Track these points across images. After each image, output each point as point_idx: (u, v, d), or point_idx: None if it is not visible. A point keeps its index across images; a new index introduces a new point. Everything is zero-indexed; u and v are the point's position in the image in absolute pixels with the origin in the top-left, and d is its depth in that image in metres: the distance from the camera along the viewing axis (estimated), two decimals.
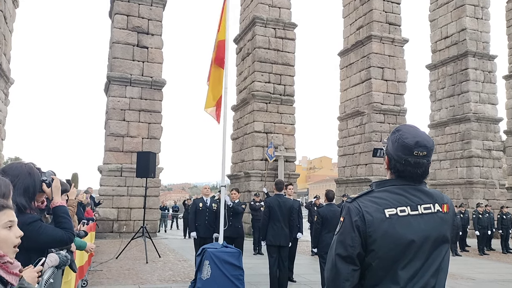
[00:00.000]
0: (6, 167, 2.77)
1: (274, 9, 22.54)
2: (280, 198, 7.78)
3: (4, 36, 17.25)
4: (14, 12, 18.93)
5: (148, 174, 12.95)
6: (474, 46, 25.13)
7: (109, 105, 19.00)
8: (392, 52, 24.02)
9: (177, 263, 11.53)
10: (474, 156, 24.03)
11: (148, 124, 19.27)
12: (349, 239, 1.82)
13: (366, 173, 23.28)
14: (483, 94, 25.01)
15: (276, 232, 7.55)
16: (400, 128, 1.97)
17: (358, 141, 24.19)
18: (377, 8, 24.15)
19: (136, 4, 19.60)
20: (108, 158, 18.58)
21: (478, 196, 23.39)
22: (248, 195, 19.80)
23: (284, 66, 22.24)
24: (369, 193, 1.91)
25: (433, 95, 27.36)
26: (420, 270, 1.80)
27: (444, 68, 26.48)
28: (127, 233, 17.21)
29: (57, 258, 2.95)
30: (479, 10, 25.75)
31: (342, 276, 1.81)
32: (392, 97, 23.69)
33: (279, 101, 21.81)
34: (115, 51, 19.10)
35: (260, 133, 21.29)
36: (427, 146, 1.89)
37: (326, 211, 7.64)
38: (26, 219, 2.55)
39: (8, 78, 18.10)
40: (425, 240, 1.82)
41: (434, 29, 27.65)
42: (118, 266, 10.56)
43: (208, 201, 9.44)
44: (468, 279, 10.60)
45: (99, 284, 8.49)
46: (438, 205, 1.90)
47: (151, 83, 19.38)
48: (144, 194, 14.35)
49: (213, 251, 6.63)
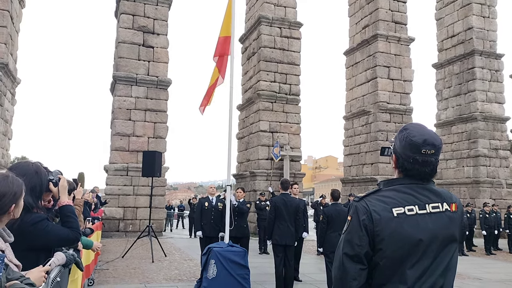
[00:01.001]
0: (14, 166, 2.78)
1: (279, 8, 22.52)
2: (286, 198, 7.76)
3: (10, 36, 17.36)
4: (21, 12, 19.05)
5: (154, 173, 12.97)
6: (481, 45, 24.98)
7: (115, 104, 19.06)
8: (398, 51, 23.93)
9: (183, 262, 11.55)
10: (481, 156, 23.88)
11: (154, 124, 19.32)
12: (357, 238, 1.81)
13: (372, 173, 23.21)
14: (490, 93, 24.86)
15: (282, 231, 7.54)
16: (407, 127, 1.95)
17: (364, 140, 24.12)
18: (383, 7, 24.07)
19: (141, 4, 19.65)
20: (114, 158, 18.65)
21: (484, 195, 23.25)
22: (254, 195, 19.79)
23: (289, 65, 22.21)
24: (376, 192, 1.90)
25: (439, 94, 27.23)
26: (428, 269, 1.79)
27: (451, 67, 26.34)
28: (133, 232, 17.27)
29: (63, 256, 2.95)
30: (486, 9, 25.59)
31: (349, 275, 1.80)
32: (398, 96, 23.61)
33: (284, 100, 21.78)
34: (121, 50, 19.16)
35: (266, 133, 21.28)
36: (435, 144, 1.88)
37: (332, 211, 7.63)
38: (33, 218, 2.56)
39: (14, 78, 18.22)
40: (433, 240, 1.80)
41: (440, 27, 27.51)
42: (124, 265, 10.59)
43: (214, 201, 9.44)
44: (475, 279, 10.53)
45: (106, 283, 8.52)
46: (446, 204, 1.88)
47: (157, 83, 19.42)
48: (150, 193, 14.39)
49: (219, 250, 6.63)
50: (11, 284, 1.87)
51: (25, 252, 2.39)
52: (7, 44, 16.76)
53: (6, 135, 17.71)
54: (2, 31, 16.57)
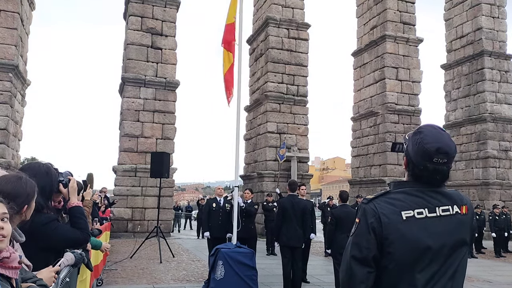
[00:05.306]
0: (25, 166, 2.82)
1: (287, 9, 22.50)
2: (294, 199, 7.76)
3: (21, 38, 17.53)
4: (31, 14, 19.23)
5: (162, 174, 13.03)
6: (490, 46, 24.77)
7: (123, 106, 19.17)
8: (406, 52, 23.81)
9: (191, 263, 11.58)
10: (490, 157, 23.67)
11: (162, 125, 19.40)
12: (365, 241, 1.79)
13: (380, 174, 23.10)
14: (500, 94, 24.63)
15: (289, 232, 7.53)
16: (422, 130, 1.89)
17: (372, 141, 24.01)
18: (391, 7, 23.97)
19: (150, 6, 19.76)
20: (122, 159, 18.75)
21: (494, 197, 23.03)
22: (261, 196, 19.79)
23: (297, 66, 22.18)
24: (385, 194, 1.87)
25: (448, 95, 27.03)
26: (437, 273, 1.77)
27: (460, 68, 26.15)
28: (141, 232, 17.33)
29: (72, 257, 2.98)
30: (495, 9, 25.38)
31: (357, 278, 1.78)
32: (406, 97, 23.48)
33: (292, 101, 21.75)
34: (129, 52, 19.27)
35: (273, 134, 21.26)
36: (449, 152, 1.82)
37: (340, 212, 7.61)
38: (43, 219, 2.59)
39: (25, 79, 18.39)
40: (443, 245, 1.78)
41: (449, 28, 27.33)
42: (132, 266, 10.64)
43: (222, 202, 9.46)
44: (484, 282, 10.44)
45: (114, 283, 8.57)
46: (456, 206, 1.85)
47: (165, 84, 19.50)
48: (158, 194, 14.46)
49: (227, 251, 6.64)
50: (27, 286, 1.89)
51: (35, 252, 2.41)
52: (17, 46, 16.92)
53: (16, 136, 17.88)
54: (13, 33, 16.74)
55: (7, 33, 16.63)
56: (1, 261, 1.68)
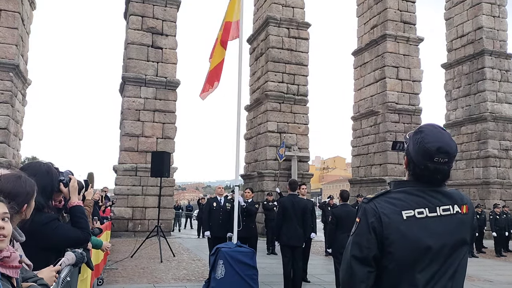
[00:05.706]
0: (25, 166, 2.82)
1: (287, 8, 22.49)
2: (294, 198, 7.75)
3: (21, 38, 17.53)
4: (32, 14, 19.23)
5: (162, 173, 13.03)
6: (490, 45, 24.75)
7: (124, 105, 19.17)
8: (407, 51, 23.80)
9: (191, 262, 11.58)
10: (491, 156, 23.66)
11: (163, 124, 19.40)
12: (365, 240, 1.79)
13: (380, 173, 23.09)
14: (500, 93, 24.61)
15: (289, 232, 7.53)
16: (423, 129, 1.88)
17: (372, 141, 24.01)
18: (391, 6, 23.95)
19: (150, 5, 19.75)
20: (123, 158, 18.76)
21: (494, 196, 23.03)
22: (262, 195, 19.79)
23: (297, 66, 22.17)
24: (386, 194, 1.87)
25: (448, 95, 27.02)
26: (437, 273, 1.77)
27: (460, 67, 26.13)
28: (142, 232, 17.35)
29: (73, 256, 2.98)
30: (496, 8, 25.36)
31: (357, 278, 1.78)
32: (407, 96, 23.47)
33: (292, 101, 21.75)
34: (130, 51, 19.27)
35: (274, 133, 21.26)
36: (450, 152, 1.82)
37: (341, 211, 7.61)
38: (43, 218, 2.59)
39: (25, 79, 18.40)
40: (443, 245, 1.78)
41: (449, 27, 27.31)
42: (133, 265, 10.64)
43: (222, 201, 9.46)
44: (485, 281, 10.44)
45: (115, 282, 8.57)
46: (457, 206, 1.85)
47: (166, 84, 19.50)
48: (158, 193, 14.47)
49: (227, 250, 6.64)
50: (28, 285, 1.90)
51: (36, 252, 2.40)
52: (18, 46, 16.93)
53: (17, 135, 17.89)
54: (13, 33, 16.74)
55: (7, 32, 16.64)
56: (1, 260, 1.68)
